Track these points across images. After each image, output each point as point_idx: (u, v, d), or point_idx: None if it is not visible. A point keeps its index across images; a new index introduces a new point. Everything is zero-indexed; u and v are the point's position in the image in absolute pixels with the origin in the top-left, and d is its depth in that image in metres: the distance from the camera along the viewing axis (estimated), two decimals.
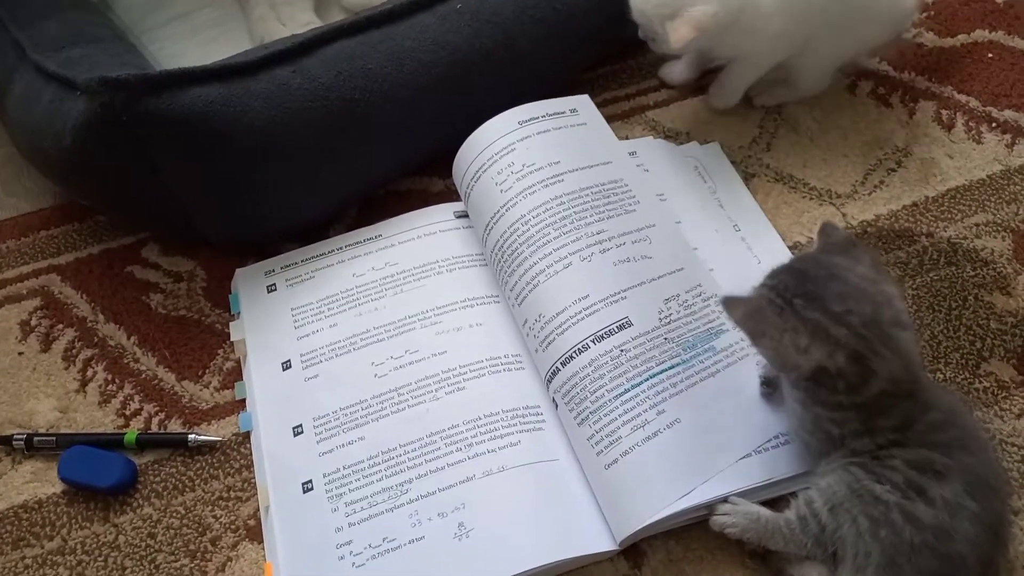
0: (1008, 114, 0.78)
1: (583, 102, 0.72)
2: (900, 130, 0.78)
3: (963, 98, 0.80)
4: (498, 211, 0.65)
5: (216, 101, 0.62)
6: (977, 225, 0.71)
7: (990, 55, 0.83)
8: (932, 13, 0.87)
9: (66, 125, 0.63)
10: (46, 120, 0.65)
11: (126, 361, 0.68)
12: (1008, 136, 0.77)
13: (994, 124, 0.78)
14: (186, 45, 0.88)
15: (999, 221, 0.71)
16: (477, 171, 0.67)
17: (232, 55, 0.66)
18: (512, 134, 0.67)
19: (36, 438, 0.63)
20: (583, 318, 0.59)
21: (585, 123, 0.70)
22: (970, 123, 0.78)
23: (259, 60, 0.63)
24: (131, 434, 0.62)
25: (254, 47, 0.69)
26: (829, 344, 0.47)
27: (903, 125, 0.78)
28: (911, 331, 0.49)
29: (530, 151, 0.66)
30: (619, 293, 0.60)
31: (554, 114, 0.70)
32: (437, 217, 0.71)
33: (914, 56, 0.83)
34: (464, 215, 0.71)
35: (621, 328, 0.58)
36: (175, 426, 0.64)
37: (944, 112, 0.79)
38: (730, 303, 0.51)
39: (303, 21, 0.82)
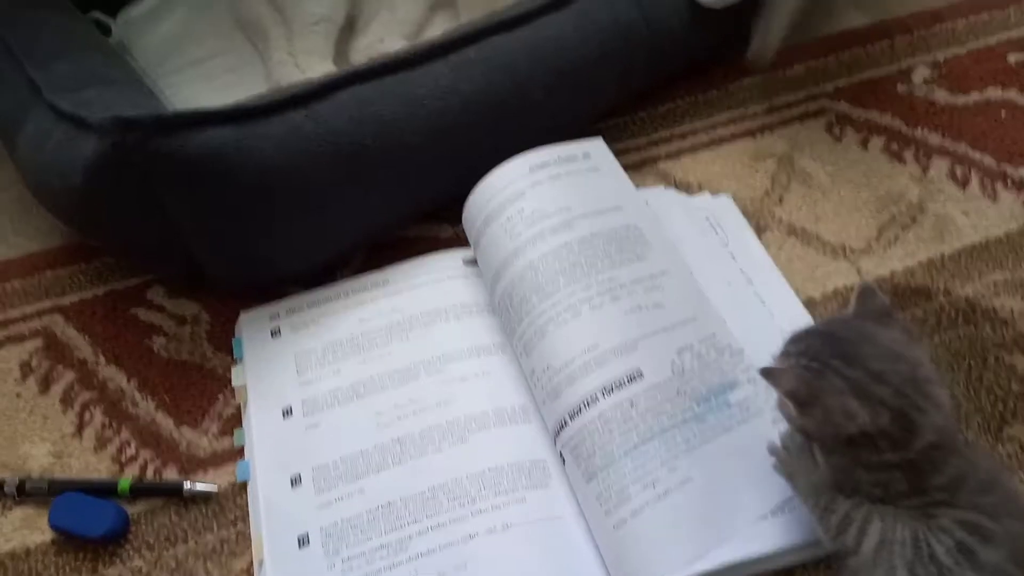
0: None
1: (596, 146, 0.71)
2: (914, 186, 0.77)
3: (977, 155, 0.79)
4: (507, 258, 0.64)
5: (227, 143, 0.61)
6: (995, 283, 0.69)
7: (1003, 113, 0.83)
8: (944, 71, 0.87)
9: (76, 164, 0.62)
10: (56, 158, 0.65)
11: (125, 405, 0.66)
12: None
13: (1009, 182, 0.77)
14: (201, 89, 0.89)
15: (1017, 280, 0.69)
16: (487, 217, 0.66)
17: (246, 98, 0.66)
18: (523, 180, 0.67)
19: (28, 483, 0.61)
20: (592, 369, 0.57)
21: (598, 168, 0.70)
22: (985, 180, 0.77)
23: (272, 103, 0.63)
24: (124, 482, 0.60)
25: (269, 91, 0.69)
26: (873, 403, 0.45)
27: (917, 181, 0.78)
28: (944, 389, 0.48)
29: (540, 197, 0.66)
30: (630, 343, 0.58)
31: (566, 159, 0.69)
32: (445, 264, 0.70)
33: (926, 113, 0.83)
34: (473, 262, 0.70)
35: (632, 380, 0.57)
36: (171, 473, 0.62)
37: (958, 168, 0.78)
38: (773, 373, 0.49)
39: (320, 69, 0.83)
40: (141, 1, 0.99)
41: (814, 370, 0.47)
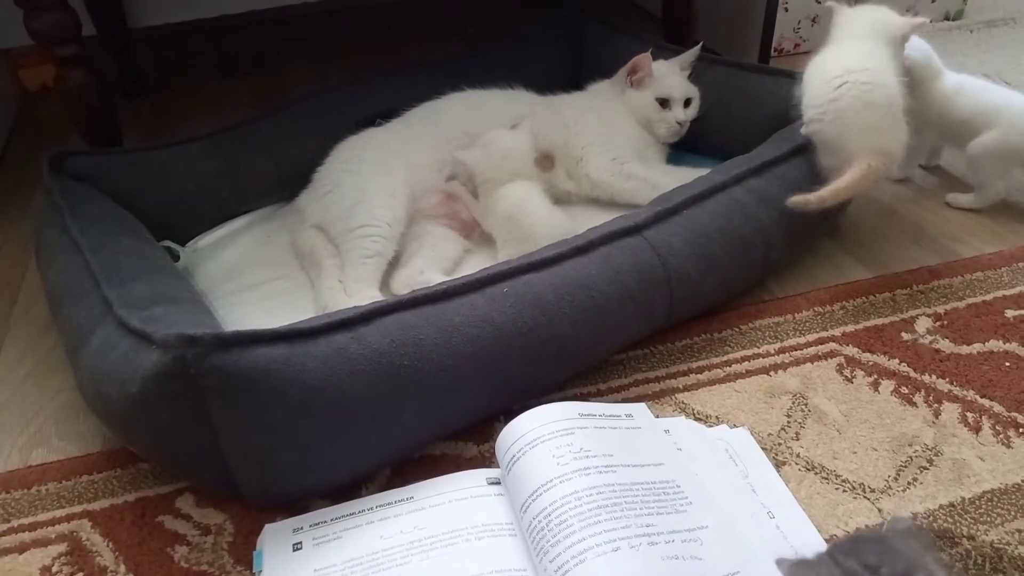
0: None
1: (640, 410, 0.77)
2: (927, 429, 0.79)
3: (986, 402, 0.82)
4: (551, 481, 0.65)
5: (277, 360, 0.66)
6: (1019, 531, 0.69)
7: (1007, 364, 0.87)
8: (945, 323, 0.93)
9: (136, 374, 0.67)
10: (117, 368, 0.70)
11: None
12: None
13: (1021, 430, 0.79)
14: (253, 309, 0.97)
15: None
16: (533, 440, 0.69)
17: (297, 321, 0.72)
18: (573, 420, 0.71)
19: None
20: None
21: (640, 427, 0.75)
22: (997, 427, 0.79)
23: (322, 326, 0.69)
24: None
25: (319, 315, 0.76)
26: None
27: (930, 424, 0.80)
28: None
29: (587, 438, 0.69)
30: None
31: (611, 415, 0.74)
32: (469, 482, 0.72)
33: (933, 360, 0.87)
34: (496, 482, 0.71)
35: None
36: None
37: (969, 415, 0.81)
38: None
39: (368, 295, 0.91)
40: (209, 232, 1.12)
41: None
